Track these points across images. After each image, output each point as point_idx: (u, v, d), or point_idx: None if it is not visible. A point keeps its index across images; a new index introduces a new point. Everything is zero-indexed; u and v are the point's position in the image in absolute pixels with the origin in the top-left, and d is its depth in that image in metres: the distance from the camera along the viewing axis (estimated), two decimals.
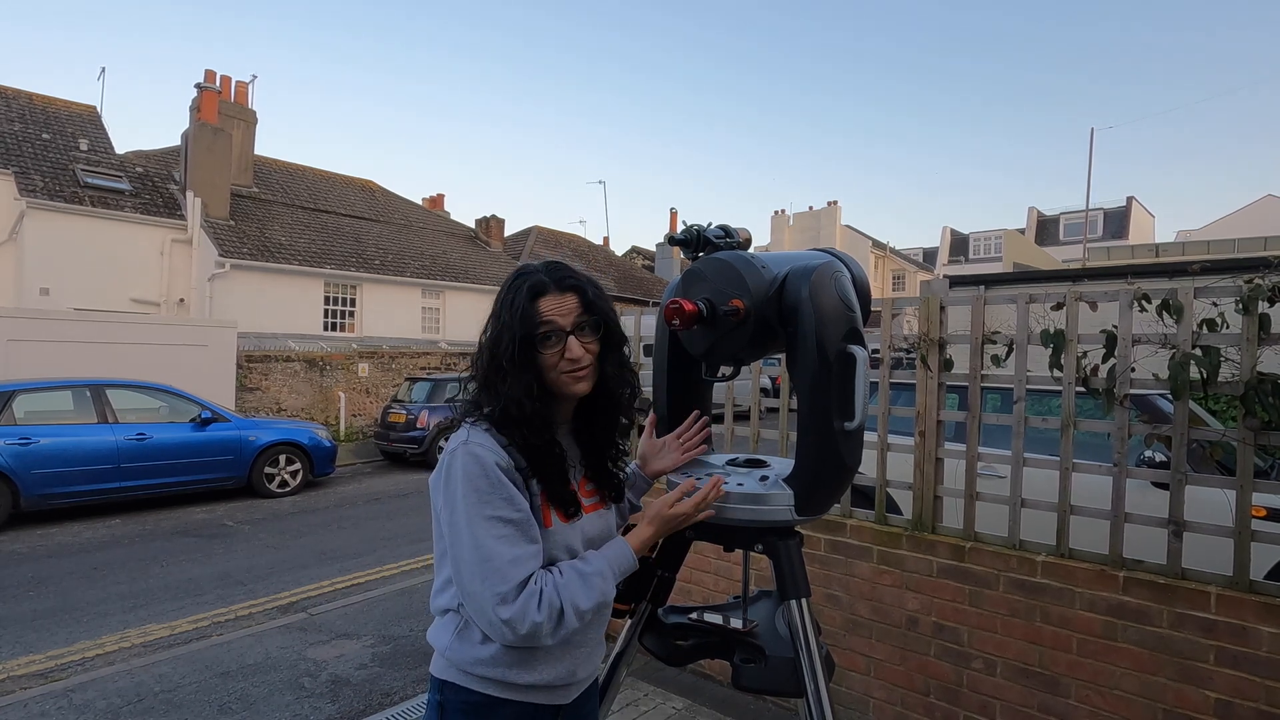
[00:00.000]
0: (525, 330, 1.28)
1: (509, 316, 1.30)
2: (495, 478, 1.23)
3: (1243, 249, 12.56)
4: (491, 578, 1.19)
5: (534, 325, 1.29)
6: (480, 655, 1.28)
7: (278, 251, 16.28)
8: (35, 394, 8.00)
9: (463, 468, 1.24)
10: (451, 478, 1.24)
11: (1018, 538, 2.68)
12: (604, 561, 1.32)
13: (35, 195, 13.72)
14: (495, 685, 1.29)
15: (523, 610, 1.18)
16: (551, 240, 25.95)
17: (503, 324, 1.31)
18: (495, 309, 1.33)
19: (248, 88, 18.84)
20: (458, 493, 1.23)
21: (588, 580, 1.27)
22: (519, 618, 1.18)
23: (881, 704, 2.95)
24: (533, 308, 1.29)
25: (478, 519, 1.21)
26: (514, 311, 1.29)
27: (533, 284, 1.31)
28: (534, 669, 1.30)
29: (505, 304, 1.32)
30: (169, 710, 3.53)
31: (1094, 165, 79.87)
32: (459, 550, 1.22)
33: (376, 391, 15.20)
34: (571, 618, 1.23)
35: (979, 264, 36.64)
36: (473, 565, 1.20)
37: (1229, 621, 2.21)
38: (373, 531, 7.45)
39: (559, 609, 1.21)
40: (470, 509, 1.22)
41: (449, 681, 1.32)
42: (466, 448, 1.25)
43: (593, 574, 1.28)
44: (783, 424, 3.32)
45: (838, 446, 1.45)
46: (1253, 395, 2.20)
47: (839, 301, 1.46)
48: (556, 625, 1.21)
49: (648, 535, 1.41)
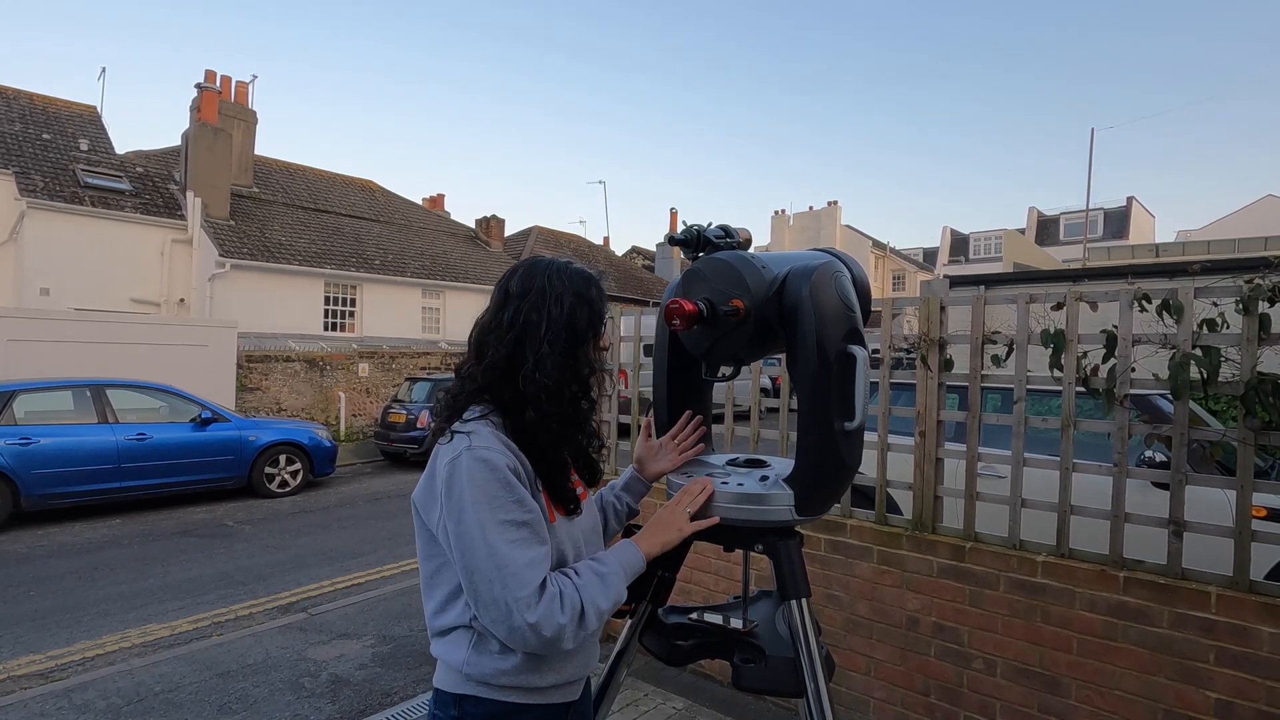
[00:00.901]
0: (602, 312, 1.35)
1: (588, 294, 1.32)
2: (507, 480, 1.19)
3: (1243, 249, 12.56)
4: (511, 583, 1.15)
5: (605, 309, 1.37)
6: (503, 666, 1.25)
7: (278, 251, 16.28)
8: (35, 394, 8.00)
9: (470, 475, 1.18)
10: (456, 486, 1.19)
11: (1018, 538, 2.68)
12: (617, 563, 1.31)
13: (35, 195, 13.73)
14: (518, 692, 1.27)
15: (547, 613, 1.16)
16: (551, 240, 25.95)
17: (575, 300, 1.30)
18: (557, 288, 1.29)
19: (248, 88, 18.86)
20: (465, 501, 1.17)
21: (606, 580, 1.26)
22: (544, 621, 1.15)
23: (881, 704, 2.95)
24: (604, 295, 1.38)
25: (491, 525, 1.16)
26: (592, 290, 1.33)
27: (601, 274, 1.40)
28: (555, 669, 1.29)
29: (578, 283, 1.32)
30: (169, 710, 3.53)
31: (1094, 166, 79.97)
32: (472, 560, 1.17)
33: (376, 391, 15.21)
34: (593, 618, 1.22)
35: (979, 264, 36.65)
36: (489, 573, 1.16)
37: (1229, 621, 2.20)
38: (373, 531, 7.45)
39: (580, 609, 1.20)
40: (483, 516, 1.17)
41: (468, 695, 1.28)
42: (472, 453, 1.19)
43: (609, 574, 1.27)
44: (783, 424, 3.32)
45: (838, 446, 1.45)
46: (1253, 395, 2.20)
47: (839, 301, 1.46)
48: (579, 627, 1.20)
49: (657, 542, 1.41)
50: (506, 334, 1.28)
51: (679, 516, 1.44)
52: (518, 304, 1.29)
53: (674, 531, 1.42)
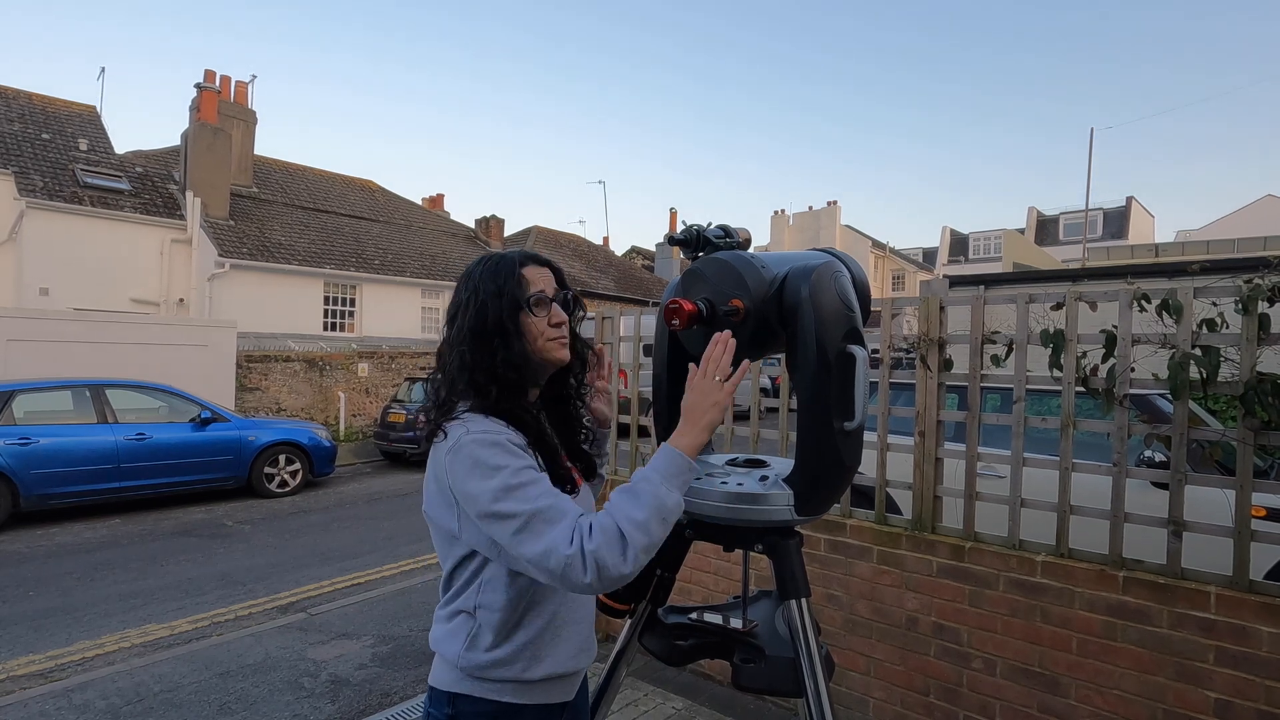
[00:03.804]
0: (515, 296, 1.31)
1: (496, 285, 1.31)
2: (511, 450, 1.21)
3: (1242, 249, 12.58)
4: (549, 526, 1.14)
5: (524, 290, 1.32)
6: (497, 657, 1.26)
7: (277, 251, 16.27)
8: (35, 394, 8.00)
9: (473, 454, 1.19)
10: (460, 465, 1.20)
11: (1018, 538, 2.68)
12: (644, 474, 1.23)
13: (35, 195, 13.72)
14: (511, 689, 1.28)
15: (597, 540, 1.13)
16: (551, 240, 25.94)
17: (487, 296, 1.31)
18: (469, 292, 1.33)
19: (247, 88, 18.84)
20: (478, 475, 1.18)
21: (633, 493, 1.19)
22: (591, 547, 1.12)
23: (881, 704, 2.95)
24: (520, 275, 1.33)
25: (514, 486, 1.17)
26: (501, 280, 1.32)
27: (515, 256, 1.36)
28: (544, 660, 1.29)
29: (486, 278, 1.33)
30: (169, 710, 3.53)
31: (1094, 165, 79.81)
32: (502, 527, 1.16)
33: (376, 391, 15.20)
34: (635, 533, 1.14)
35: (979, 264, 36.65)
36: (522, 527, 1.15)
37: (1229, 621, 2.21)
38: (373, 531, 7.45)
39: (615, 530, 1.14)
40: (501, 480, 1.17)
41: (461, 694, 1.28)
42: (470, 437, 1.21)
43: (637, 483, 1.21)
44: (783, 424, 3.32)
45: (837, 446, 1.45)
46: (1252, 395, 2.20)
47: (839, 301, 1.46)
48: (623, 546, 1.13)
49: (700, 426, 1.26)
50: (444, 345, 1.35)
51: (712, 387, 1.28)
52: (451, 314, 1.36)
53: (714, 408, 1.27)
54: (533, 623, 1.29)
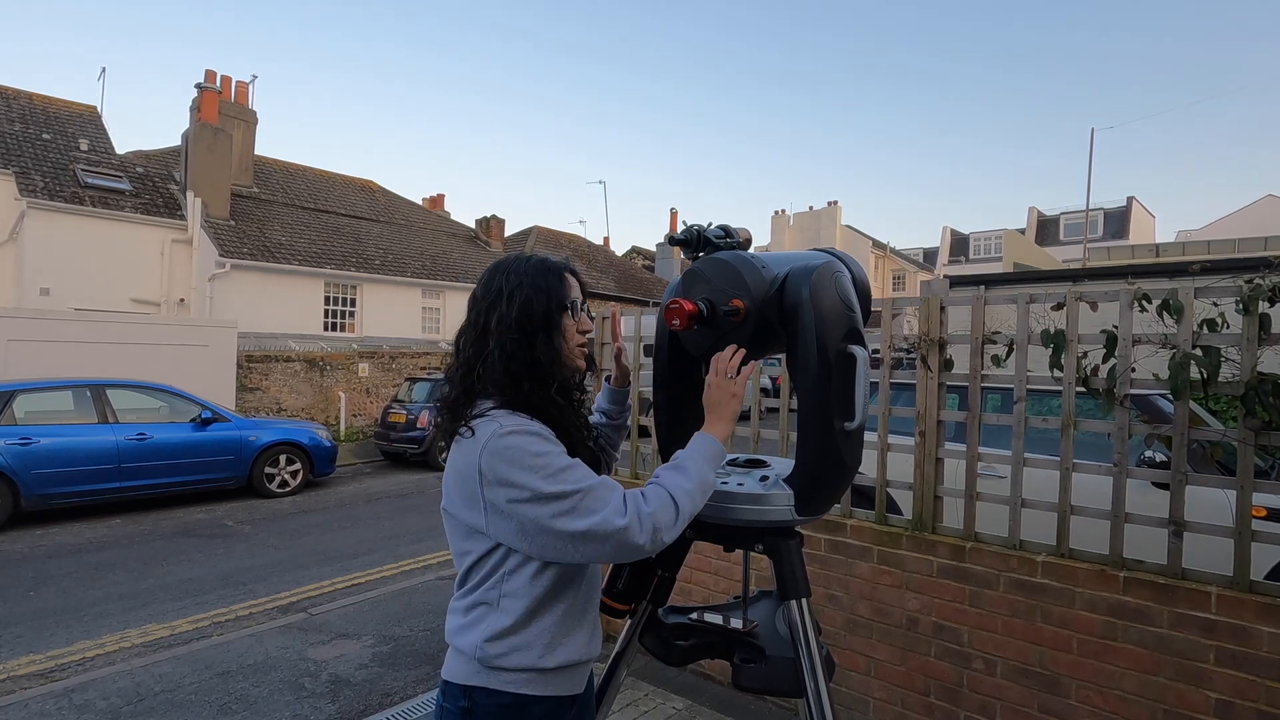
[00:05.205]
0: (562, 296, 1.36)
1: (545, 283, 1.35)
2: (551, 436, 1.27)
3: (1243, 249, 12.57)
4: (601, 500, 1.21)
5: (569, 293, 1.38)
6: (515, 644, 1.28)
7: (278, 251, 16.28)
8: (35, 394, 8.00)
9: (515, 444, 1.22)
10: (501, 458, 1.21)
11: (1018, 538, 2.68)
12: (688, 454, 1.35)
13: (35, 195, 13.72)
14: (526, 679, 1.29)
15: (654, 504, 1.23)
16: (551, 240, 25.95)
17: (534, 291, 1.34)
18: (514, 284, 1.35)
19: (248, 88, 18.83)
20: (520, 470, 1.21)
21: (680, 469, 1.32)
22: (649, 510, 1.22)
23: (881, 704, 2.95)
24: (566, 278, 1.40)
25: (564, 467, 1.23)
26: (551, 279, 1.36)
27: (562, 261, 1.42)
28: (560, 647, 1.31)
29: (534, 274, 1.36)
30: (169, 710, 3.53)
31: (1094, 165, 79.98)
32: (553, 508, 1.19)
33: (377, 391, 15.21)
34: (684, 500, 1.27)
35: (979, 264, 36.64)
36: (575, 505, 1.20)
37: (1229, 621, 2.21)
38: (373, 531, 7.45)
39: (668, 497, 1.26)
40: (549, 463, 1.22)
41: (477, 686, 1.29)
42: (506, 430, 1.23)
43: (681, 460, 1.33)
44: (783, 424, 3.32)
45: (838, 446, 1.45)
46: (1253, 395, 2.20)
47: (839, 301, 1.46)
48: (675, 510, 1.25)
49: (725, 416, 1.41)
50: (473, 334, 1.36)
51: (726, 383, 1.43)
52: (481, 305, 1.37)
53: (732, 399, 1.42)
54: (552, 610, 1.31)
